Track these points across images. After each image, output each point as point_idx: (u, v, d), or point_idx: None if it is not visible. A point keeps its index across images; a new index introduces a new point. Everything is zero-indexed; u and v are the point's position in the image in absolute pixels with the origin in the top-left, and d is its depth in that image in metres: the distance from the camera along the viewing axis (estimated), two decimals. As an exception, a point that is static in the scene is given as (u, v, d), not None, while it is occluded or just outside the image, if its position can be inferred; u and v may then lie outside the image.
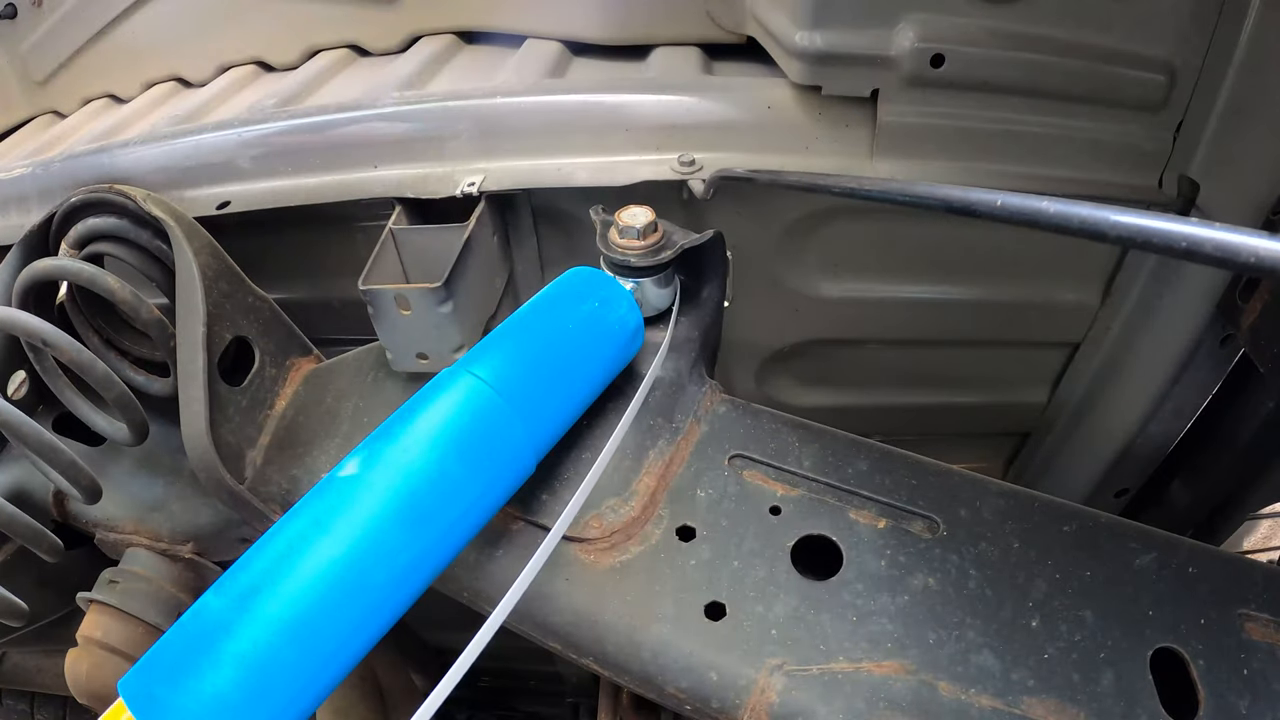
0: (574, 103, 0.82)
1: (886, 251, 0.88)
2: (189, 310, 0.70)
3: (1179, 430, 0.99)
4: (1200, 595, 0.55)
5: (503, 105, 0.83)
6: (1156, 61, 0.74)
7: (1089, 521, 0.60)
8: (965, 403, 1.07)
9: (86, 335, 0.80)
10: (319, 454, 0.74)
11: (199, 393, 0.68)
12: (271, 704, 0.42)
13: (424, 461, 0.50)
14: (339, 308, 0.93)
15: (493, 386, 0.55)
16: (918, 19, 0.71)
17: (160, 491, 0.86)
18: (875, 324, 0.96)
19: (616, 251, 0.68)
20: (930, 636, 0.54)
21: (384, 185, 0.80)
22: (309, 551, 0.45)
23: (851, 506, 0.63)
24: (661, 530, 0.62)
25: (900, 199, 0.50)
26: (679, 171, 0.77)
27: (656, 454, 0.66)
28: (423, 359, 0.73)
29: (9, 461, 0.85)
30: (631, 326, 0.67)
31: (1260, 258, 0.27)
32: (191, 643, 0.42)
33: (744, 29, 0.90)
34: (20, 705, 1.32)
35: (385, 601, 0.47)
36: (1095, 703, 0.50)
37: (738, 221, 0.85)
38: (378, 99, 0.88)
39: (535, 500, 0.63)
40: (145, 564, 0.84)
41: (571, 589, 0.60)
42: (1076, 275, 0.92)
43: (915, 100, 0.75)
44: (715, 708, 0.54)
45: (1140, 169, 0.80)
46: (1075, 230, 0.34)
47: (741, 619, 0.56)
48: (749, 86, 0.82)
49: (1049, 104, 0.76)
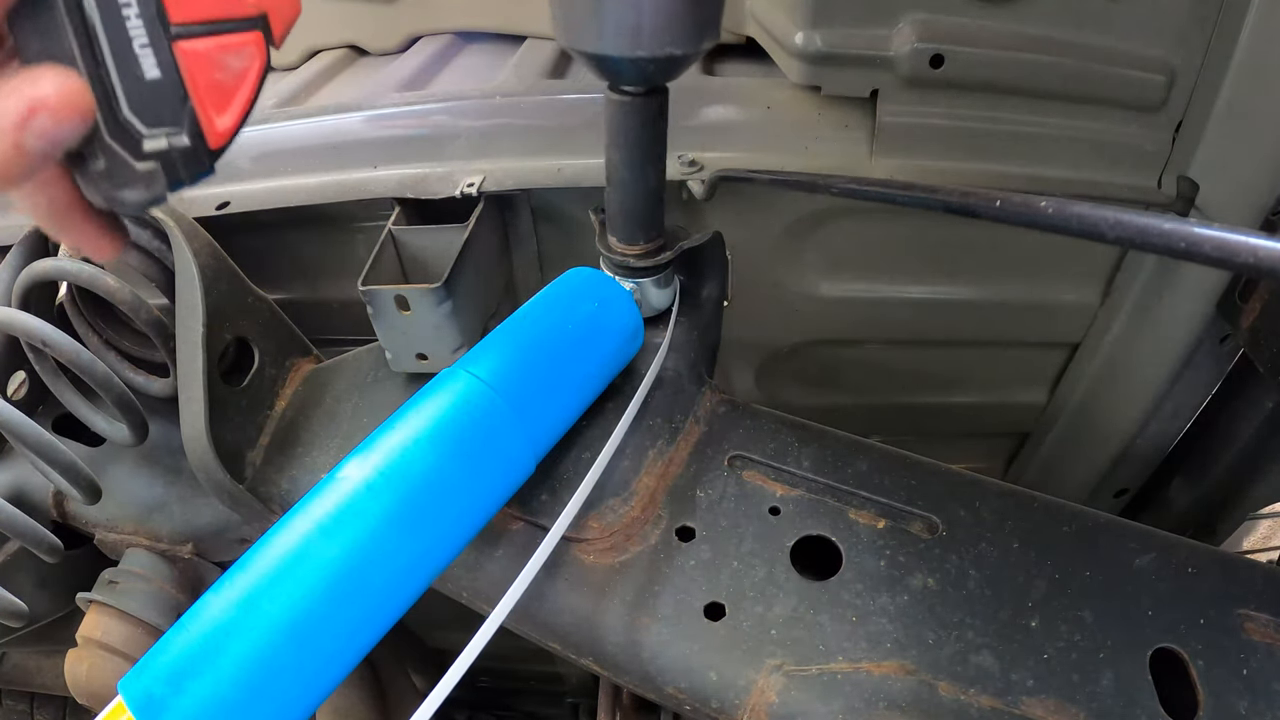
0: (574, 103, 0.82)
1: (886, 251, 0.88)
2: (189, 310, 0.70)
3: (1179, 430, 0.99)
4: (1200, 595, 0.55)
5: (503, 105, 0.83)
6: (1156, 61, 0.74)
7: (1089, 521, 0.60)
8: (965, 403, 1.07)
9: (86, 336, 0.80)
10: (319, 454, 0.74)
11: (199, 393, 0.68)
12: (271, 704, 0.42)
13: (423, 462, 0.50)
14: (339, 308, 0.93)
15: (492, 386, 0.55)
16: (917, 19, 0.71)
17: (160, 491, 0.86)
18: (875, 324, 0.96)
19: (616, 252, 0.68)
20: (930, 636, 0.55)
21: (384, 185, 0.80)
22: (309, 551, 0.45)
23: (851, 507, 0.63)
24: (661, 530, 0.62)
25: (900, 199, 0.50)
26: (679, 171, 0.77)
27: (656, 454, 0.66)
28: (422, 359, 0.73)
29: (9, 461, 0.85)
30: (631, 327, 0.67)
31: (1259, 258, 0.27)
32: (191, 643, 0.42)
33: (744, 29, 0.90)
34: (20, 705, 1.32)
35: (385, 602, 0.47)
36: (1095, 702, 0.50)
37: (738, 221, 0.85)
38: (378, 99, 0.88)
39: (535, 500, 0.63)
40: (145, 564, 0.84)
41: (571, 589, 0.60)
42: (1076, 275, 0.92)
43: (915, 100, 0.75)
44: (715, 707, 0.54)
45: (1139, 169, 0.80)
46: (1074, 230, 0.34)
47: (741, 619, 0.57)
48: (749, 86, 0.82)
49: (1049, 104, 0.76)
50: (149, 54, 0.28)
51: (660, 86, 0.57)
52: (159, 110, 0.29)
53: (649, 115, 0.58)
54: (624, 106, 0.57)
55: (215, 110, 0.31)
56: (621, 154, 0.60)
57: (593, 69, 0.55)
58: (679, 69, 0.55)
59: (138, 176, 0.30)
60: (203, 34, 0.29)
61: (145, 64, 0.28)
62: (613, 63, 0.53)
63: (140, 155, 0.29)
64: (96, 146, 0.29)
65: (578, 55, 0.54)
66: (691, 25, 0.51)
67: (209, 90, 0.30)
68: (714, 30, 0.53)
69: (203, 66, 0.30)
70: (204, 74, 0.30)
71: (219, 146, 0.31)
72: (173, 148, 0.30)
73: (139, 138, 0.29)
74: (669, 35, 0.50)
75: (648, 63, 0.52)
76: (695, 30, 0.51)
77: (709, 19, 0.52)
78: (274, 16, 0.31)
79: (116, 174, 0.29)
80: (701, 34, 0.52)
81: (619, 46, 0.51)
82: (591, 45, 0.52)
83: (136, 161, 0.29)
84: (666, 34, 0.50)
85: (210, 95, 0.30)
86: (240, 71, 0.31)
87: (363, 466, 0.49)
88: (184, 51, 0.29)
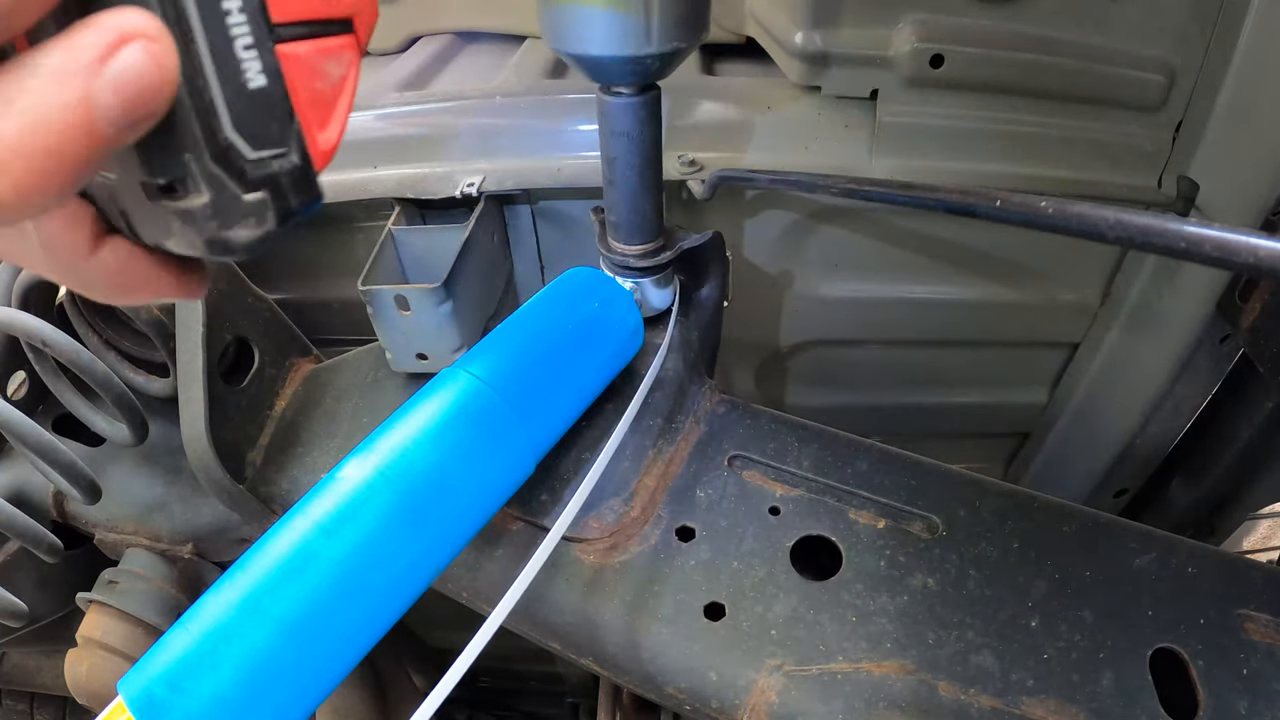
0: (574, 103, 0.82)
1: (886, 251, 0.88)
2: (188, 310, 0.70)
3: (1179, 430, 0.99)
4: (1200, 595, 0.55)
5: (503, 105, 0.83)
6: (1156, 61, 0.74)
7: (1089, 521, 0.60)
8: (965, 403, 1.07)
9: (86, 335, 0.80)
10: (319, 454, 0.74)
11: (199, 393, 0.68)
12: (271, 704, 0.42)
13: (423, 461, 0.50)
14: (339, 308, 0.93)
15: (492, 386, 0.55)
16: (917, 19, 0.71)
17: (160, 491, 0.86)
18: (875, 324, 0.96)
19: (616, 252, 0.68)
20: (930, 636, 0.55)
21: (384, 185, 0.80)
22: (309, 552, 0.45)
23: (851, 506, 0.63)
24: (661, 530, 0.62)
25: (900, 199, 0.50)
26: (679, 171, 0.77)
27: (656, 454, 0.66)
28: (422, 359, 0.73)
29: (9, 461, 0.85)
30: (631, 326, 0.67)
31: (1260, 258, 0.27)
32: (191, 643, 0.42)
33: (743, 29, 0.90)
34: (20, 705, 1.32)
35: (385, 602, 0.47)
36: (1095, 702, 0.50)
37: (738, 221, 0.85)
38: (378, 99, 0.88)
39: (535, 500, 0.63)
40: (145, 564, 0.84)
41: (571, 589, 0.60)
42: (1076, 275, 0.91)
43: (915, 100, 0.75)
44: (715, 707, 0.54)
45: (1139, 169, 0.80)
46: (1074, 230, 0.34)
47: (741, 619, 0.57)
48: (749, 86, 0.82)
49: (1049, 104, 0.76)
50: (254, 57, 0.23)
51: (652, 85, 0.57)
52: (267, 127, 0.24)
53: (642, 114, 0.58)
54: (616, 106, 0.57)
55: (318, 125, 0.25)
56: (617, 154, 0.60)
57: (582, 70, 0.55)
58: (669, 67, 0.55)
59: (247, 210, 0.24)
60: (304, 36, 0.24)
61: (250, 70, 0.23)
62: (601, 63, 0.53)
63: (248, 184, 0.24)
64: (198, 175, 0.23)
65: (565, 57, 0.54)
66: (680, 22, 0.51)
67: (311, 101, 0.25)
68: (703, 26, 0.53)
69: (304, 74, 0.25)
70: (306, 82, 0.25)
71: (323, 167, 0.26)
72: (281, 171, 0.24)
73: (245, 163, 0.23)
74: (657, 33, 0.50)
75: (636, 62, 0.52)
76: (684, 27, 0.51)
77: (697, 15, 0.52)
78: (358, 20, 0.26)
79: (223, 209, 0.23)
80: (691, 30, 0.52)
81: (606, 47, 0.51)
82: (578, 47, 0.52)
83: (245, 192, 0.23)
84: (655, 32, 0.50)
85: (314, 107, 0.25)
86: (339, 79, 0.26)
87: (363, 466, 0.49)
88: (286, 56, 0.24)
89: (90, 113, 0.19)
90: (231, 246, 0.24)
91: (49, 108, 0.18)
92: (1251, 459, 0.90)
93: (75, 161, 0.19)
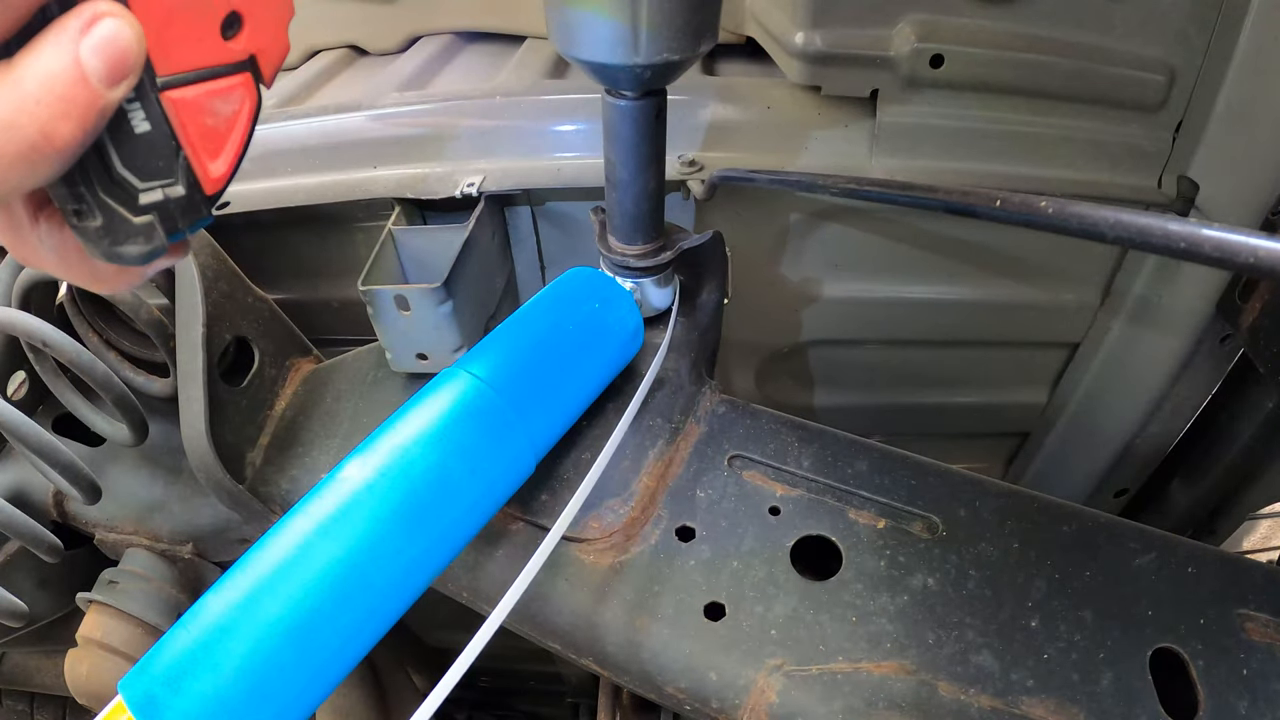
0: (574, 103, 0.82)
1: (886, 251, 0.88)
2: (189, 310, 0.70)
3: (1179, 430, 0.99)
4: (1199, 595, 0.55)
5: (503, 105, 0.83)
6: (1156, 61, 0.74)
7: (1089, 521, 0.60)
8: (965, 403, 1.07)
9: (86, 336, 0.80)
10: (319, 454, 0.74)
11: (198, 393, 0.68)
12: (271, 704, 0.42)
13: (423, 461, 0.50)
14: (339, 308, 0.93)
15: (491, 386, 0.55)
16: (917, 19, 0.71)
17: (160, 491, 0.86)
18: (875, 324, 0.96)
19: (616, 252, 0.68)
20: (930, 636, 0.55)
21: (384, 185, 0.80)
22: (309, 552, 0.45)
23: (851, 506, 0.63)
24: (661, 530, 0.62)
25: (900, 199, 0.50)
26: (679, 171, 0.77)
27: (656, 454, 0.66)
28: (422, 359, 0.73)
29: (9, 461, 0.85)
30: (631, 327, 0.67)
31: (1259, 258, 0.27)
32: (191, 643, 0.42)
33: (744, 29, 0.90)
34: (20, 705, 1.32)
35: (385, 602, 0.47)
36: (1095, 703, 0.50)
37: (738, 221, 0.85)
38: (378, 99, 0.88)
39: (535, 500, 0.63)
40: (145, 564, 0.84)
41: (571, 589, 0.60)
42: (1076, 275, 0.92)
43: (915, 100, 0.75)
44: (715, 707, 0.54)
45: (1139, 169, 0.80)
46: (1074, 230, 0.34)
47: (741, 619, 0.57)
48: (749, 86, 0.82)
49: (1049, 104, 0.76)
50: (137, 109, 0.28)
51: (658, 89, 0.57)
52: (152, 163, 0.29)
53: (647, 117, 0.58)
54: (622, 109, 0.57)
55: (209, 156, 0.30)
56: (621, 155, 0.60)
57: (590, 75, 0.55)
58: (676, 73, 0.55)
59: (136, 230, 0.29)
60: (193, 81, 0.29)
61: (135, 119, 0.28)
62: (610, 69, 0.53)
63: (136, 210, 0.29)
64: (92, 203, 0.28)
65: (575, 62, 0.54)
66: (688, 30, 0.51)
67: (201, 137, 0.30)
68: (711, 34, 0.53)
69: (192, 115, 0.29)
70: (194, 122, 0.29)
71: (215, 192, 0.31)
72: (169, 199, 0.29)
73: (134, 192, 0.29)
74: (665, 41, 0.50)
75: (644, 68, 0.52)
76: (692, 35, 0.51)
77: (706, 23, 0.52)
78: (262, 59, 0.31)
79: (114, 230, 0.29)
80: (698, 38, 0.52)
81: (615, 54, 0.51)
82: (588, 53, 0.52)
83: (133, 216, 0.29)
84: (663, 40, 0.50)
85: (203, 142, 0.30)
86: (231, 116, 0.30)
87: (363, 466, 0.49)
88: (172, 101, 0.28)
89: (82, 70, 0.25)
90: (124, 258, 0.29)
91: (51, 71, 0.24)
92: (1251, 459, 0.90)
93: (81, 108, 0.25)
